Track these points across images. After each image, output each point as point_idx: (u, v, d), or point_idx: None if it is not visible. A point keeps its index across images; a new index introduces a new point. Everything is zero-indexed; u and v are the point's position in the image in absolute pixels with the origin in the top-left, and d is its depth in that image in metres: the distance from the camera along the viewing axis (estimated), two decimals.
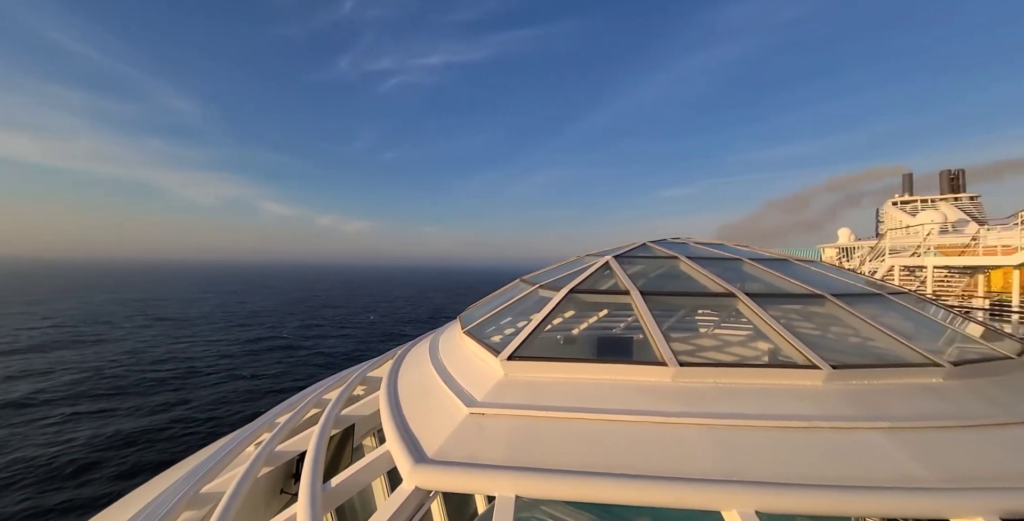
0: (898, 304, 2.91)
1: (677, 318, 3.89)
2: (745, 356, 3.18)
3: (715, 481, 1.36)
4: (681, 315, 3.60)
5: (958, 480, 1.48)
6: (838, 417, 1.78)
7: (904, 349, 2.26)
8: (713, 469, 1.45)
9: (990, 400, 2.02)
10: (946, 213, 23.43)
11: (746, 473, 1.43)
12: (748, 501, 1.31)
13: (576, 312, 3.63)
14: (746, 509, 1.30)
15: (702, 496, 1.34)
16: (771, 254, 3.46)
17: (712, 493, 1.33)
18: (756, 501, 1.32)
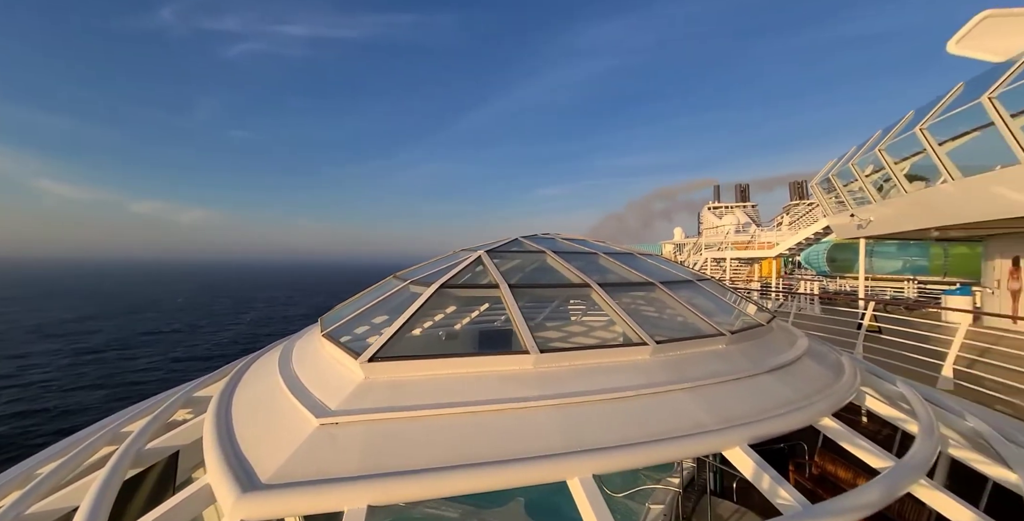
0: (703, 289, 3.67)
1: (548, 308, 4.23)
2: (599, 338, 3.69)
3: (558, 455, 1.52)
4: (551, 305, 3.92)
5: (728, 420, 1.95)
6: (657, 384, 2.16)
7: (703, 323, 2.87)
8: (559, 444, 1.62)
9: (751, 358, 2.70)
10: (738, 217, 31.08)
11: (585, 442, 1.63)
12: (586, 467, 1.50)
13: (450, 307, 3.63)
14: (584, 474, 1.48)
15: (547, 470, 1.48)
16: (620, 249, 4.02)
17: (555, 466, 1.48)
18: (592, 466, 1.52)
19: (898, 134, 7.68)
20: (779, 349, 3.08)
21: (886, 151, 8.16)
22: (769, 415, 2.11)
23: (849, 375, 2.92)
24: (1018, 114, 5.52)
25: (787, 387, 2.48)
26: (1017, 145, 5.51)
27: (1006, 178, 5.88)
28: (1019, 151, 5.54)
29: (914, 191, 7.96)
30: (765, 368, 2.61)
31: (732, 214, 32.82)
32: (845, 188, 10.25)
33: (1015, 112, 5.54)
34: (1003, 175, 5.91)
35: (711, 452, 1.86)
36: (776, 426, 2.03)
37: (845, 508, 1.43)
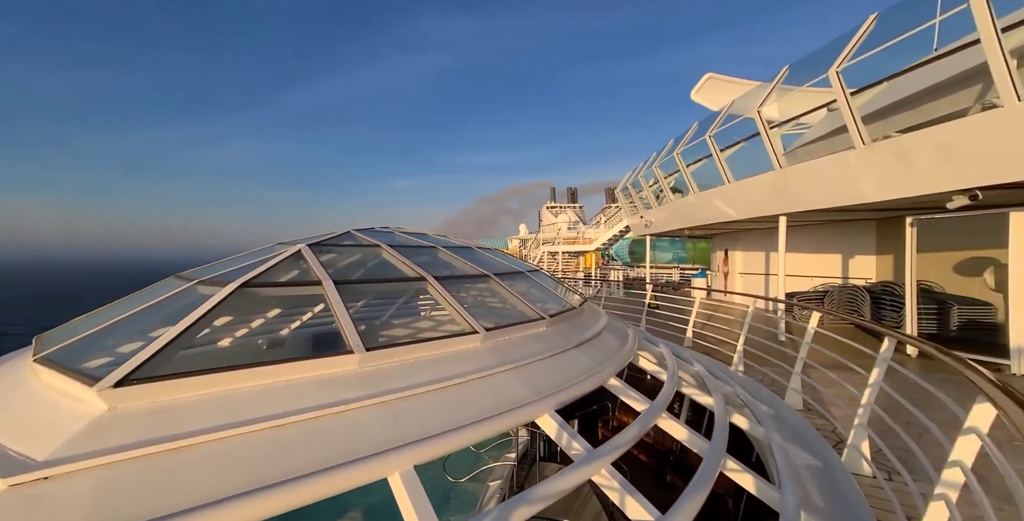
0: (532, 279, 4.10)
1: (386, 305, 4.04)
2: (435, 331, 3.74)
3: (379, 453, 1.47)
4: (389, 302, 3.76)
5: (540, 393, 2.24)
6: (485, 368, 2.32)
7: (529, 310, 3.21)
8: (382, 441, 1.57)
9: (565, 336, 3.17)
10: (570, 216, 36.46)
11: (410, 435, 1.63)
12: (407, 460, 1.49)
13: (268, 310, 3.09)
14: (405, 467, 1.48)
15: (368, 470, 1.41)
16: (459, 243, 4.15)
17: (375, 465, 1.43)
18: (413, 458, 1.52)
19: (664, 155, 10.21)
20: (587, 327, 3.69)
21: (660, 167, 10.76)
22: (572, 383, 2.51)
23: (631, 343, 3.69)
24: (726, 148, 8.07)
25: (588, 358, 3.00)
26: (724, 172, 8.03)
27: (720, 194, 8.52)
28: (725, 176, 8.09)
29: (675, 200, 10.79)
30: (574, 343, 3.09)
31: (565, 213, 38.29)
32: (637, 195, 13.13)
33: (723, 147, 8.06)
34: (719, 192, 8.55)
35: (526, 422, 2.11)
36: (576, 390, 2.44)
37: (614, 446, 1.82)
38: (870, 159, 5.40)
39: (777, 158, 6.87)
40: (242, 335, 2.64)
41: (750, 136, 7.21)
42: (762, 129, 6.87)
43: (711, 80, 10.92)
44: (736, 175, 8.00)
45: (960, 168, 4.51)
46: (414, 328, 3.42)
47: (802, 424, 3.43)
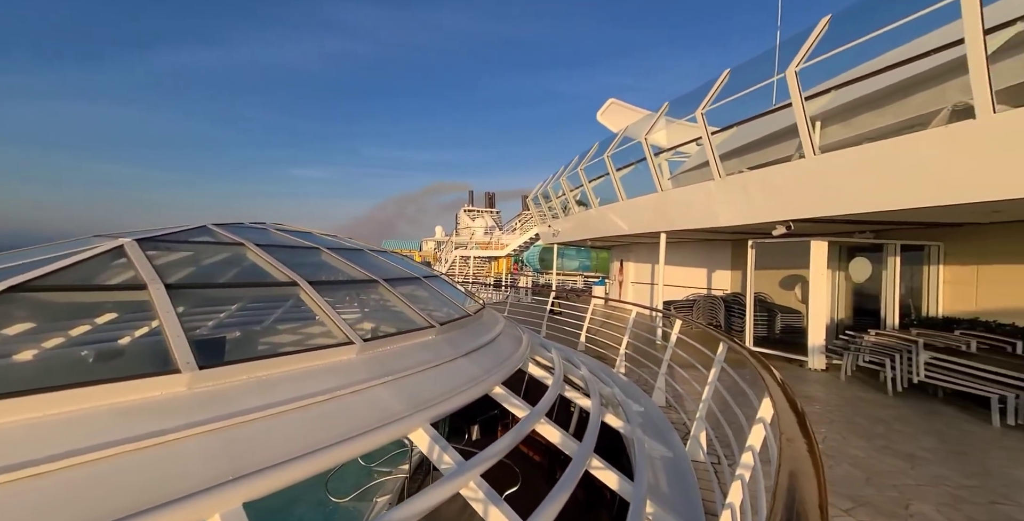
0: (429, 285, 4.00)
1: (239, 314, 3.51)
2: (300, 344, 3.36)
3: (196, 493, 1.26)
4: (244, 310, 3.33)
5: (417, 405, 2.17)
6: (360, 381, 2.17)
7: (418, 317, 3.11)
8: (207, 477, 1.35)
9: (455, 344, 3.14)
10: (487, 221, 36.89)
11: (245, 466, 1.43)
12: (233, 497, 1.29)
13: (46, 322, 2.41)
14: (230, 506, 1.28)
15: (176, 515, 1.20)
16: (350, 244, 3.87)
17: (188, 507, 1.22)
18: (244, 493, 1.33)
19: (571, 170, 10.95)
20: (480, 334, 3.71)
21: (567, 180, 11.50)
22: (455, 393, 2.48)
23: (523, 349, 3.80)
24: (621, 168, 8.96)
25: (476, 366, 3.00)
26: (618, 190, 8.90)
27: (615, 209, 9.42)
28: (619, 194, 8.97)
29: (579, 212, 11.63)
30: (463, 352, 3.07)
31: (482, 218, 38.59)
32: (547, 205, 13.84)
33: (618, 167, 8.94)
34: (614, 207, 9.45)
35: (398, 437, 2.02)
36: (458, 401, 2.41)
37: (484, 457, 1.84)
38: (724, 190, 6.48)
39: (659, 182, 7.86)
40: (26, 353, 2.04)
41: (640, 159, 8.12)
42: (648, 154, 7.80)
43: (613, 105, 12.20)
44: (629, 193, 8.94)
45: (780, 204, 5.66)
46: (278, 340, 3.07)
47: (662, 420, 3.89)
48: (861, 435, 3.81)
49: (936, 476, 3.05)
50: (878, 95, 5.74)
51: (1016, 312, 5.44)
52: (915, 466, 3.20)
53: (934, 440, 3.71)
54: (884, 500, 2.69)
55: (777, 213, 5.77)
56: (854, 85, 5.29)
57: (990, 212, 4.81)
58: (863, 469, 3.13)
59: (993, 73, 3.65)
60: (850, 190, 4.90)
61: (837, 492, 2.77)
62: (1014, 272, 5.55)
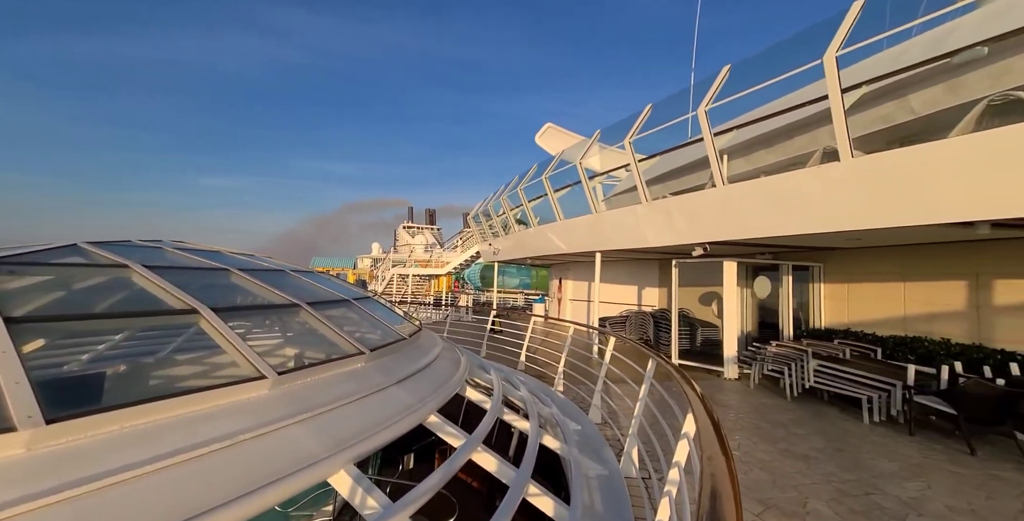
0: (360, 308, 3.75)
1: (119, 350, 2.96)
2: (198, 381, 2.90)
3: None
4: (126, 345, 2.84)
5: (340, 444, 1.96)
6: (271, 421, 1.91)
7: (346, 344, 2.88)
8: None
9: (387, 371, 2.93)
10: (427, 238, 36.07)
11: None
12: None
13: None
14: None
15: None
16: (268, 264, 3.50)
17: None
18: None
19: (511, 189, 11.20)
20: (415, 358, 3.52)
21: (507, 199, 11.71)
22: (384, 426, 2.29)
23: (460, 373, 3.67)
24: (558, 189, 9.36)
25: (410, 394, 2.82)
26: (556, 210, 9.25)
27: (554, 229, 9.76)
28: (557, 214, 9.33)
29: (519, 231, 11.86)
30: (396, 379, 2.88)
31: (423, 234, 37.65)
32: (487, 223, 13.94)
33: (556, 188, 9.33)
34: (552, 227, 9.79)
35: (313, 484, 1.80)
36: (388, 435, 2.23)
37: (413, 498, 1.69)
38: (650, 213, 7.05)
39: (593, 204, 8.33)
40: None
41: (576, 182, 8.56)
42: (583, 178, 8.27)
43: (550, 129, 12.90)
44: (567, 213, 9.35)
45: (698, 227, 6.29)
46: (171, 380, 2.65)
47: (597, 437, 3.96)
48: (767, 439, 4.22)
49: (825, 473, 3.46)
50: (770, 135, 6.71)
51: (876, 323, 6.51)
52: (810, 466, 3.60)
53: (822, 440, 4.23)
54: (786, 501, 2.97)
55: (695, 236, 6.39)
56: (751, 126, 6.14)
57: (854, 239, 5.77)
58: (769, 472, 3.45)
59: (851, 124, 4.45)
60: (750, 217, 5.59)
61: (750, 497, 3.01)
62: (873, 290, 6.68)
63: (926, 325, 5.89)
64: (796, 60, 4.81)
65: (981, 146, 3.59)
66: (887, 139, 5.52)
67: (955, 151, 3.74)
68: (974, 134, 3.72)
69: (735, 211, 5.76)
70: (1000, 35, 3.73)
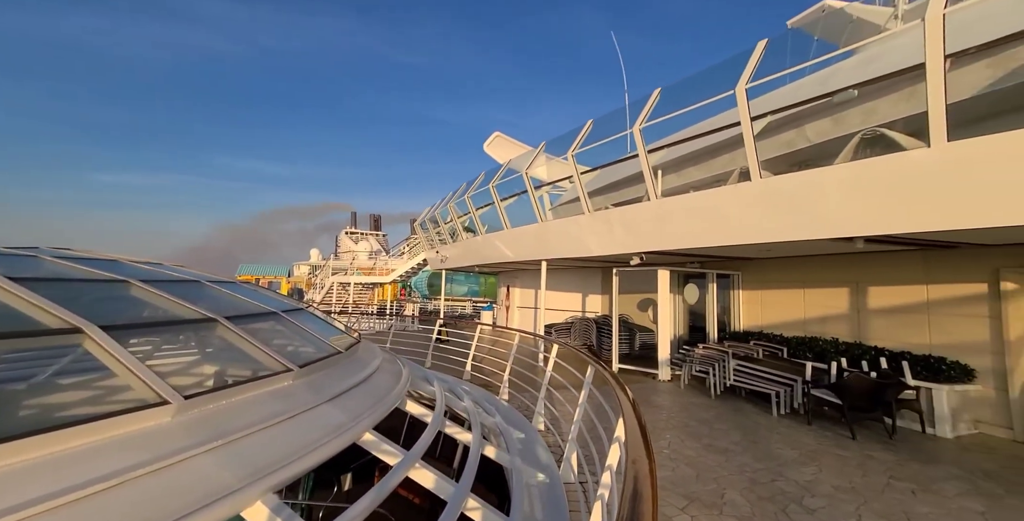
0: (289, 320, 3.49)
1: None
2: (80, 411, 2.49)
3: None
4: None
5: (259, 472, 1.79)
6: (171, 454, 1.70)
7: (271, 361, 2.66)
8: None
9: (317, 389, 2.74)
10: (372, 244, 34.55)
11: None
12: None
13: None
14: None
15: None
16: (179, 274, 3.15)
17: None
18: None
19: (458, 196, 11.15)
20: (352, 373, 3.33)
21: (455, 207, 11.63)
22: (312, 448, 2.14)
23: (400, 386, 3.54)
24: (505, 198, 9.49)
25: (343, 411, 2.66)
26: (503, 218, 9.37)
27: (501, 237, 9.85)
28: (504, 222, 9.45)
29: (467, 239, 11.81)
30: (328, 396, 2.70)
31: (367, 241, 35.93)
32: (435, 230, 13.71)
33: (503, 197, 9.46)
34: (500, 235, 9.88)
35: (223, 519, 1.63)
36: (315, 458, 2.08)
37: None
38: (593, 224, 7.39)
39: (539, 213, 8.55)
40: None
41: (523, 191, 8.75)
42: (529, 188, 8.48)
43: (499, 137, 13.12)
44: (514, 222, 9.49)
45: (635, 237, 6.71)
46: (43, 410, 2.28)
47: (540, 445, 4.02)
48: (693, 436, 4.56)
49: (741, 465, 3.81)
50: (698, 153, 7.36)
51: (783, 325, 7.35)
52: (728, 459, 3.95)
53: (739, 434, 4.67)
54: (707, 493, 3.23)
55: (633, 245, 6.80)
56: (681, 144, 6.70)
57: (765, 251, 6.49)
58: (694, 467, 3.73)
59: (759, 147, 5.03)
60: (680, 229, 6.08)
61: (677, 492, 3.22)
62: (781, 295, 7.54)
63: (820, 326, 6.77)
64: (715, 88, 5.36)
65: (855, 173, 4.26)
66: (790, 162, 6.32)
67: (837, 176, 4.39)
68: (851, 162, 4.40)
69: (667, 223, 6.23)
70: (864, 81, 4.47)
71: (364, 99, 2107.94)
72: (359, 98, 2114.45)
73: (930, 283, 5.60)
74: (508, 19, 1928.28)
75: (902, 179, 3.91)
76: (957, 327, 5.30)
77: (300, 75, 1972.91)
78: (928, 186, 3.74)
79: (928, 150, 3.70)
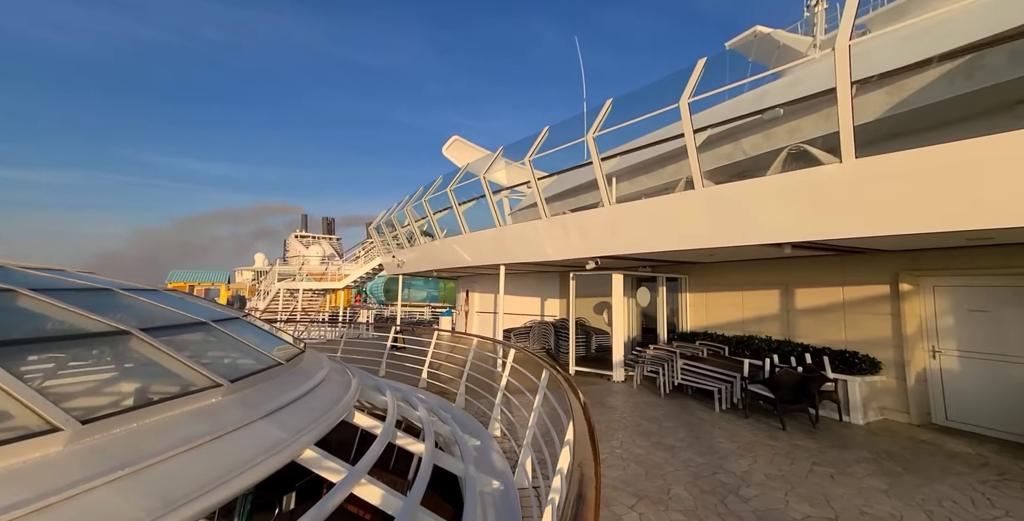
0: (221, 331, 3.20)
1: None
2: None
3: None
4: None
5: (169, 503, 1.62)
6: (63, 488, 1.48)
7: (197, 377, 2.42)
8: None
9: (252, 404, 2.53)
10: (325, 249, 32.85)
11: None
12: None
13: None
14: None
15: None
16: (86, 282, 2.80)
17: None
18: None
19: (415, 200, 10.92)
20: (294, 385, 3.12)
21: (413, 210, 11.36)
22: (240, 471, 1.96)
23: (349, 396, 3.36)
24: (463, 202, 9.42)
25: (281, 428, 2.47)
26: (461, 222, 9.30)
27: (459, 241, 9.75)
28: (462, 226, 9.37)
29: (425, 243, 11.57)
30: (264, 412, 2.50)
31: (319, 245, 34.10)
32: (391, 234, 13.31)
33: (461, 201, 9.40)
34: (458, 239, 9.78)
35: None
36: (243, 482, 1.90)
37: None
38: (550, 229, 7.51)
39: (497, 217, 8.57)
40: None
41: (481, 196, 8.73)
42: (487, 192, 8.48)
43: (457, 141, 13.06)
44: (473, 226, 9.42)
45: (590, 243, 6.91)
46: None
47: (495, 451, 3.98)
48: (643, 434, 4.73)
49: (685, 460, 4.01)
50: (650, 162, 7.73)
51: (725, 325, 7.87)
52: (674, 455, 4.14)
53: (685, 430, 4.91)
54: (655, 489, 3.36)
55: (588, 250, 6.98)
56: (633, 153, 7.01)
57: (708, 255, 6.93)
58: (643, 465, 3.86)
59: (702, 158, 5.37)
60: (631, 234, 6.34)
61: (626, 491, 3.31)
62: (723, 298, 8.08)
63: (757, 326, 7.32)
64: (662, 101, 5.68)
65: (782, 185, 4.68)
66: (730, 173, 6.80)
67: (767, 187, 4.79)
68: (780, 175, 4.82)
69: (620, 229, 6.47)
70: (788, 101, 4.95)
71: (320, 98, 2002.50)
72: (314, 97, 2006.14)
73: (845, 285, 6.25)
74: (468, 23, 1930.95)
75: (819, 191, 4.34)
76: (867, 324, 5.95)
77: (252, 72, 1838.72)
78: (839, 198, 4.18)
79: (840, 165, 4.14)
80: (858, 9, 4.03)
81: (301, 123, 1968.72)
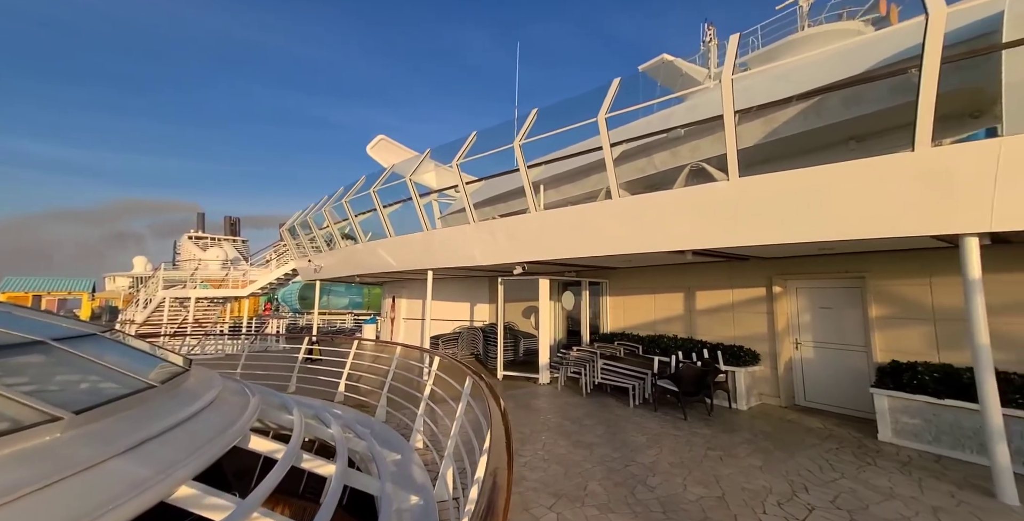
0: (67, 352, 2.63)
1: None
2: None
3: None
4: None
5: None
6: None
7: (26, 410, 1.94)
8: None
9: (106, 438, 2.09)
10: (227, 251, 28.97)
11: None
12: None
13: None
14: None
15: None
16: None
17: None
18: None
19: (335, 201, 10.18)
20: (169, 411, 2.66)
21: (332, 211, 10.57)
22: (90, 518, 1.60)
23: (244, 418, 2.96)
24: (388, 205, 9.01)
25: (144, 465, 2.08)
26: (386, 225, 8.87)
27: (384, 245, 9.28)
28: (387, 230, 8.94)
29: (346, 247, 10.82)
30: (123, 447, 2.09)
31: (220, 248, 29.90)
32: (306, 237, 12.22)
33: (386, 203, 8.98)
34: (383, 243, 9.31)
35: None
36: None
37: None
38: (478, 233, 7.50)
39: (424, 221, 8.33)
40: None
41: (408, 198, 8.42)
42: (413, 194, 8.21)
43: (383, 141, 12.46)
44: (399, 230, 9.04)
45: (517, 248, 7.03)
46: None
47: (416, 465, 3.81)
48: (565, 434, 4.90)
49: (602, 456, 4.23)
50: (574, 172, 8.12)
51: (640, 326, 8.55)
52: (592, 452, 4.35)
53: (603, 427, 5.20)
54: (573, 487, 3.48)
55: (516, 255, 7.10)
56: (557, 162, 7.31)
57: (626, 261, 7.47)
58: (564, 465, 3.99)
59: (619, 171, 5.79)
60: (557, 240, 6.59)
61: (546, 491, 3.38)
62: (639, 300, 8.77)
63: (665, 326, 8.08)
64: (583, 114, 6.03)
65: (684, 197, 5.25)
66: (645, 185, 7.43)
67: (672, 199, 5.34)
68: (682, 189, 5.40)
69: (546, 235, 6.69)
70: (688, 123, 5.59)
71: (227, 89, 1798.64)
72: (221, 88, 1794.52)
73: (733, 288, 7.19)
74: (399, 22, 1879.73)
75: (712, 205, 4.95)
76: (749, 322, 6.91)
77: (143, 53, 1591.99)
78: (726, 211, 4.82)
79: (728, 183, 4.76)
80: (738, 49, 4.72)
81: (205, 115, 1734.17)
